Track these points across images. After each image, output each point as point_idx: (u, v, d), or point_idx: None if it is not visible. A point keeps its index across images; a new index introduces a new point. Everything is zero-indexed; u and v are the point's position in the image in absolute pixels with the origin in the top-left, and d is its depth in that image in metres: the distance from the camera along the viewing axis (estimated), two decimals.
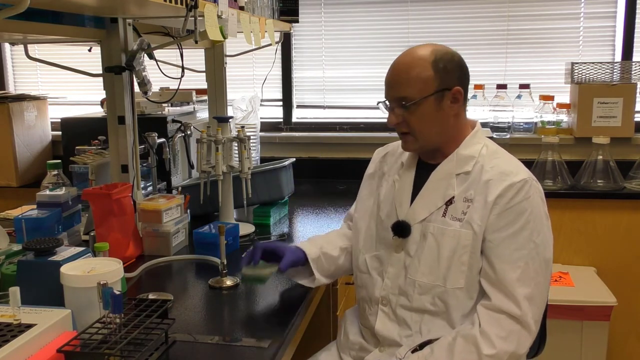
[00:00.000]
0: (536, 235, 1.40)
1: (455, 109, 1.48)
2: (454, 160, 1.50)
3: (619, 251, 2.75)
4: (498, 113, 2.91)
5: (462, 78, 1.50)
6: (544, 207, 1.45)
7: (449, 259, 1.44)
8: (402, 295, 1.50)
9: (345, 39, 3.12)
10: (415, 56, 1.47)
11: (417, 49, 1.49)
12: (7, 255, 1.58)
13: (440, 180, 1.50)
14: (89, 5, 1.63)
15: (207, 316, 1.49)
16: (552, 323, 2.43)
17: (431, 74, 1.44)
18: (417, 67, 1.45)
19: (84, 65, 2.08)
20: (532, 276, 1.38)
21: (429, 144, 1.51)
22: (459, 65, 1.50)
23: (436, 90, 1.45)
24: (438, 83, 1.45)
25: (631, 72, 2.74)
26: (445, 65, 1.46)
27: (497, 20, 2.97)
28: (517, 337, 1.35)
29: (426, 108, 1.46)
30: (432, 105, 1.45)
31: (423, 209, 1.50)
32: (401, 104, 1.46)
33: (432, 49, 1.48)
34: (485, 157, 1.48)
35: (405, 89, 1.46)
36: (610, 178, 2.72)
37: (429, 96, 1.45)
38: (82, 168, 2.14)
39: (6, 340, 1.07)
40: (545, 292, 1.43)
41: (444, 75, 1.45)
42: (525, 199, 1.40)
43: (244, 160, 2.02)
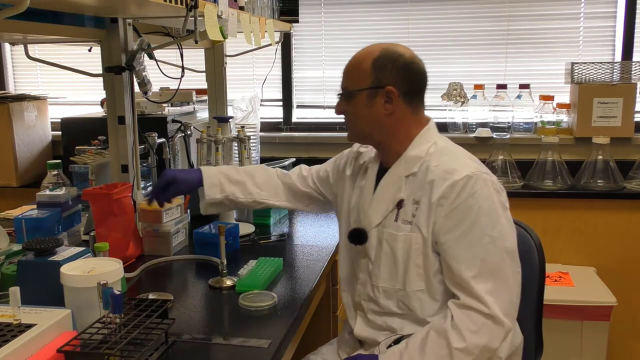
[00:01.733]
0: (490, 229, 1.38)
1: (388, 108, 1.48)
2: (402, 162, 1.50)
3: (619, 251, 2.75)
4: (498, 113, 2.91)
5: (405, 81, 1.48)
6: (498, 197, 1.41)
7: (404, 263, 1.45)
8: (371, 301, 1.52)
9: (345, 39, 3.11)
10: (365, 50, 1.52)
11: (373, 45, 1.53)
12: (7, 255, 1.58)
13: (391, 184, 1.50)
14: (89, 5, 1.63)
15: (207, 316, 1.49)
16: (552, 323, 2.45)
17: (368, 70, 1.48)
18: (360, 60, 1.50)
19: (84, 65, 2.08)
20: (493, 270, 1.36)
21: (361, 138, 1.57)
22: (403, 68, 1.48)
23: (369, 86, 1.48)
24: (372, 79, 1.47)
25: (631, 72, 2.74)
26: (385, 64, 1.48)
27: (497, 20, 2.97)
28: (488, 331, 1.34)
29: (359, 101, 1.50)
30: (364, 99, 1.49)
31: (376, 213, 1.51)
32: (342, 93, 1.53)
33: (385, 47, 1.51)
34: (432, 156, 1.47)
35: (347, 80, 1.52)
36: (610, 178, 2.72)
37: (362, 90, 1.48)
38: (82, 168, 2.14)
39: (6, 340, 1.07)
40: (513, 283, 1.39)
41: (380, 73, 1.47)
42: (470, 195, 1.38)
43: (244, 160, 2.02)
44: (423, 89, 1.54)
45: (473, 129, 2.97)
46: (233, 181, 1.76)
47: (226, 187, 1.75)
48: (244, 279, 1.64)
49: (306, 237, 2.11)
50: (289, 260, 1.86)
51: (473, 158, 1.50)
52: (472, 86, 2.93)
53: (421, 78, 1.52)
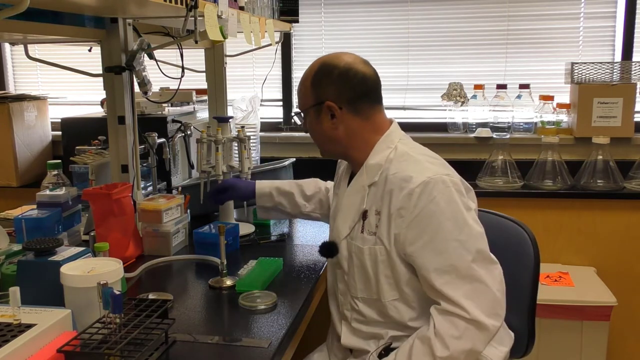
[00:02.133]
0: (457, 233, 1.34)
1: (335, 122, 1.47)
2: (363, 171, 1.49)
3: (619, 251, 2.75)
4: (498, 113, 2.91)
5: (344, 90, 1.46)
6: (461, 198, 1.37)
7: (375, 275, 1.44)
8: (353, 310, 1.52)
9: (345, 39, 3.11)
10: (308, 69, 1.53)
11: (315, 60, 1.53)
12: (7, 255, 1.58)
13: (354, 194, 1.49)
14: (89, 5, 1.63)
15: (207, 316, 1.49)
16: (552, 323, 2.45)
17: (309, 88, 1.49)
18: (303, 80, 1.53)
19: (84, 65, 2.08)
20: (466, 274, 1.33)
21: (328, 152, 1.57)
22: (339, 79, 1.46)
23: (312, 104, 1.49)
24: (313, 97, 1.49)
25: (631, 72, 2.74)
26: (321, 80, 1.47)
27: (497, 20, 2.97)
28: (471, 335, 1.32)
29: (309, 120, 1.52)
30: (312, 117, 1.51)
31: (344, 225, 1.50)
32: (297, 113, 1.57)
33: (321, 61, 1.50)
34: (391, 163, 1.44)
35: (298, 99, 1.57)
36: (610, 178, 2.72)
37: (308, 109, 1.51)
38: (82, 168, 2.14)
39: (6, 340, 1.07)
40: (490, 281, 1.35)
41: (318, 89, 1.48)
42: (429, 201, 1.34)
43: (244, 160, 2.02)
44: (369, 93, 1.49)
45: (473, 129, 2.97)
46: (282, 192, 1.87)
47: (275, 197, 1.87)
48: (244, 279, 1.64)
49: (306, 237, 2.11)
50: (289, 260, 1.86)
51: (434, 160, 1.45)
52: (472, 86, 2.93)
53: (362, 82, 1.47)
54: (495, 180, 2.76)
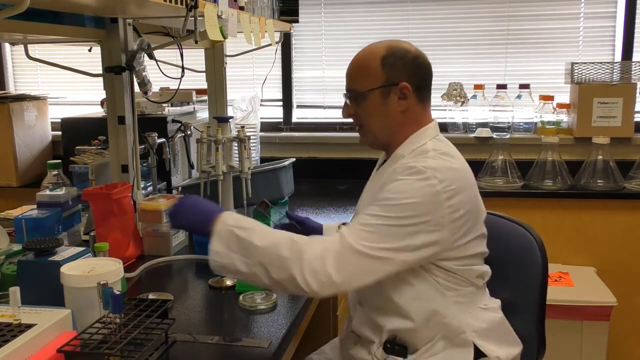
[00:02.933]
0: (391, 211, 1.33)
1: (403, 105, 1.48)
2: (391, 160, 1.51)
3: (619, 251, 2.75)
4: (498, 113, 2.91)
5: (415, 75, 1.48)
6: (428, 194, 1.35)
7: None
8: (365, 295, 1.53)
9: (345, 39, 3.11)
10: (368, 50, 1.51)
11: (374, 44, 1.52)
12: (7, 255, 1.58)
13: (376, 180, 1.52)
14: (89, 5, 1.63)
15: (207, 316, 1.49)
16: (552, 323, 2.44)
17: (378, 68, 1.47)
18: (366, 60, 1.49)
19: (84, 65, 2.08)
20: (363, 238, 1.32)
21: (378, 139, 1.54)
22: (412, 63, 1.48)
23: (382, 84, 1.47)
24: (385, 78, 1.47)
25: (631, 72, 2.74)
26: (395, 61, 1.47)
27: (497, 20, 2.97)
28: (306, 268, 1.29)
29: (372, 101, 1.48)
30: (377, 99, 1.48)
31: (362, 209, 1.51)
32: (350, 96, 1.52)
33: (388, 44, 1.50)
34: (412, 156, 1.45)
35: (354, 82, 1.51)
36: (610, 178, 2.72)
37: (374, 89, 1.47)
38: (82, 168, 2.14)
39: (6, 340, 1.07)
40: (370, 266, 1.32)
41: (391, 70, 1.47)
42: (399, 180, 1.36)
43: (244, 160, 2.02)
44: (430, 82, 1.54)
45: (473, 129, 2.97)
46: None
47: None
48: None
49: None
50: None
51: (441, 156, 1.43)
52: (472, 86, 2.93)
53: (428, 71, 1.52)
54: (495, 180, 2.76)
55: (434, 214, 1.35)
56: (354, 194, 1.73)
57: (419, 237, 1.34)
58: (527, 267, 1.59)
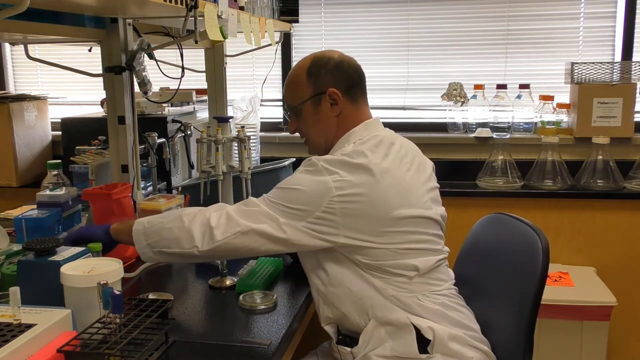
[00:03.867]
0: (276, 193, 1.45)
1: (336, 110, 1.56)
2: None
3: (619, 251, 2.75)
4: (498, 113, 2.91)
5: (341, 79, 1.55)
6: (310, 189, 1.41)
7: None
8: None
9: (345, 39, 3.11)
10: (297, 66, 1.61)
11: (302, 59, 1.62)
12: (7, 255, 1.58)
13: None
14: (89, 5, 1.63)
15: (207, 316, 1.49)
16: (552, 323, 2.45)
17: (304, 80, 1.56)
18: (295, 76, 1.60)
19: (84, 65, 2.08)
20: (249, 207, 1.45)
21: (320, 147, 1.61)
22: (335, 68, 1.56)
23: (311, 94, 1.56)
24: (312, 88, 1.56)
25: (631, 72, 2.74)
26: (319, 70, 1.56)
27: (497, 20, 2.97)
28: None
29: (307, 112, 1.58)
30: (310, 109, 1.57)
31: None
32: (289, 112, 1.62)
33: (313, 56, 1.59)
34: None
35: (289, 98, 1.63)
36: (610, 178, 2.72)
37: (305, 101, 1.56)
38: (82, 168, 2.14)
39: (6, 340, 1.07)
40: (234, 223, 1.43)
41: (317, 79, 1.55)
42: (296, 171, 1.48)
43: (244, 160, 2.02)
44: (361, 82, 1.60)
45: (473, 129, 2.97)
46: None
47: None
48: (244, 279, 1.64)
49: None
50: (289, 260, 1.86)
51: (345, 156, 1.45)
52: (472, 86, 2.93)
53: (355, 72, 1.59)
54: (495, 180, 2.76)
55: (317, 205, 1.40)
56: None
57: (301, 222, 1.41)
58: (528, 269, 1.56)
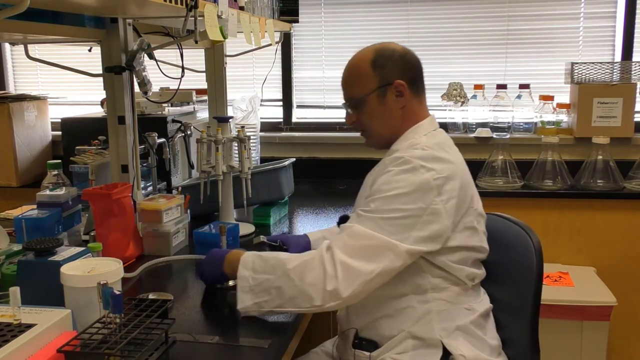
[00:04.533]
0: (383, 206, 1.38)
1: (401, 102, 1.53)
2: (386, 155, 1.56)
3: (619, 251, 2.75)
4: (498, 113, 2.91)
5: (406, 71, 1.54)
6: (413, 188, 1.38)
7: None
8: None
9: (345, 39, 3.12)
10: (357, 57, 1.57)
11: (362, 50, 1.58)
12: (7, 255, 1.58)
13: (374, 175, 1.54)
14: (89, 5, 1.63)
15: (207, 316, 1.49)
16: (552, 323, 2.45)
17: (370, 72, 1.52)
18: (357, 67, 1.55)
19: (84, 65, 2.08)
20: (357, 238, 1.37)
21: (382, 140, 1.59)
22: (401, 60, 1.54)
23: (377, 86, 1.52)
24: (379, 79, 1.52)
25: (631, 72, 2.74)
26: (384, 62, 1.53)
27: (497, 20, 2.97)
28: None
29: (371, 104, 1.54)
30: (375, 101, 1.53)
31: (359, 201, 1.59)
32: (350, 104, 1.57)
33: (375, 48, 1.56)
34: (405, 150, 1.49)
35: (350, 89, 1.57)
36: (610, 178, 2.72)
37: (371, 93, 1.52)
38: (82, 168, 2.14)
39: (6, 340, 1.07)
40: (363, 266, 1.35)
41: (383, 71, 1.52)
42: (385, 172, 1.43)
43: (244, 160, 2.02)
44: (422, 76, 1.58)
45: (473, 129, 2.97)
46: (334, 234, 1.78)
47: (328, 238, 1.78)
48: None
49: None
50: None
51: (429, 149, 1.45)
52: (472, 86, 2.93)
53: (418, 65, 1.58)
54: (495, 180, 2.76)
55: (426, 201, 1.38)
56: (354, 194, 1.73)
57: (417, 228, 1.37)
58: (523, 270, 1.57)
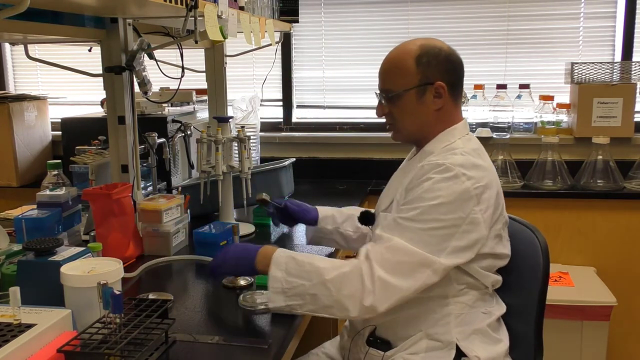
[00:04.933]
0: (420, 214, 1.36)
1: (438, 103, 1.49)
2: (420, 154, 1.54)
3: (619, 251, 2.75)
4: (498, 113, 2.91)
5: (449, 74, 1.49)
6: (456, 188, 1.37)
7: None
8: None
9: (345, 39, 3.12)
10: (402, 49, 1.50)
11: (407, 42, 1.52)
12: (7, 255, 1.58)
13: (405, 174, 1.52)
14: (89, 5, 1.63)
15: (207, 316, 1.49)
16: (552, 323, 2.45)
17: (413, 68, 1.47)
18: (401, 60, 1.49)
19: (84, 65, 2.08)
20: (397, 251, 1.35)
21: (409, 137, 1.55)
22: (446, 61, 1.49)
23: (418, 84, 1.47)
24: (420, 77, 1.47)
25: (631, 72, 2.74)
26: (430, 60, 1.47)
27: (497, 20, 2.97)
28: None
29: (408, 101, 1.49)
30: (413, 98, 1.48)
31: (386, 199, 1.55)
32: (385, 96, 1.51)
33: (421, 43, 1.50)
34: (441, 153, 1.47)
35: (389, 82, 1.51)
36: (610, 178, 2.72)
37: (410, 89, 1.47)
38: (82, 168, 2.14)
39: (6, 340, 1.07)
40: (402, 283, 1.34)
41: (426, 69, 1.47)
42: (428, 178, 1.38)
43: (244, 160, 2.02)
44: (463, 79, 1.54)
45: (473, 129, 2.97)
46: (344, 215, 1.81)
47: (338, 219, 1.81)
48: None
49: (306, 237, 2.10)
50: None
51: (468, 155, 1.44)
52: (472, 86, 2.93)
53: (461, 68, 1.53)
54: None
55: (465, 211, 1.36)
56: (354, 194, 1.73)
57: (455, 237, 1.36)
58: (529, 269, 1.57)
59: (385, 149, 2.97)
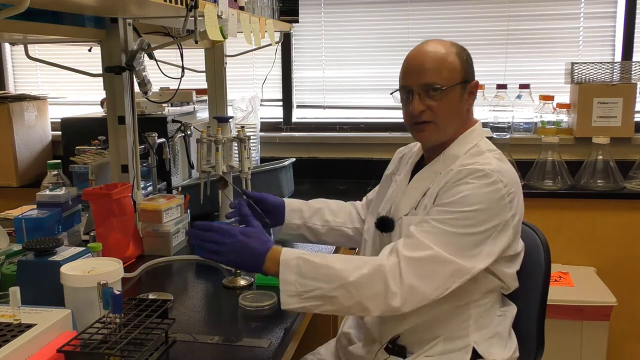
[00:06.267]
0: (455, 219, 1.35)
1: (470, 102, 1.51)
2: (441, 159, 1.50)
3: (619, 251, 2.75)
4: (498, 113, 2.91)
5: (473, 73, 1.53)
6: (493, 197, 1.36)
7: None
8: None
9: (345, 39, 3.11)
10: (439, 47, 1.48)
11: (436, 40, 1.51)
12: (7, 255, 1.58)
13: (425, 178, 1.51)
14: (89, 5, 1.63)
15: (207, 316, 1.49)
16: (552, 323, 2.44)
17: (458, 64, 1.47)
18: (447, 55, 1.47)
19: (84, 65, 2.08)
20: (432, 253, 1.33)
21: (445, 135, 1.50)
22: (471, 61, 1.53)
23: (461, 80, 1.47)
24: (463, 74, 1.48)
25: (631, 72, 2.74)
26: (468, 59, 1.50)
27: (497, 20, 2.97)
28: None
29: (452, 97, 1.47)
30: (457, 94, 1.47)
31: (406, 204, 1.51)
32: (429, 91, 1.45)
33: (450, 43, 1.51)
34: (467, 156, 1.46)
35: (436, 75, 1.45)
36: (610, 178, 2.72)
37: (455, 85, 1.46)
38: (82, 168, 2.14)
39: (6, 340, 1.07)
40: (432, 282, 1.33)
41: (467, 67, 1.49)
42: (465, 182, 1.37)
43: (244, 160, 2.02)
44: None
45: None
46: (312, 209, 1.77)
47: (305, 213, 1.75)
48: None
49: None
50: None
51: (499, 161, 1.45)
52: None
53: None
54: None
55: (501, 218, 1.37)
56: (354, 194, 1.73)
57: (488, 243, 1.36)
58: (531, 267, 1.58)
59: (386, 149, 2.97)
